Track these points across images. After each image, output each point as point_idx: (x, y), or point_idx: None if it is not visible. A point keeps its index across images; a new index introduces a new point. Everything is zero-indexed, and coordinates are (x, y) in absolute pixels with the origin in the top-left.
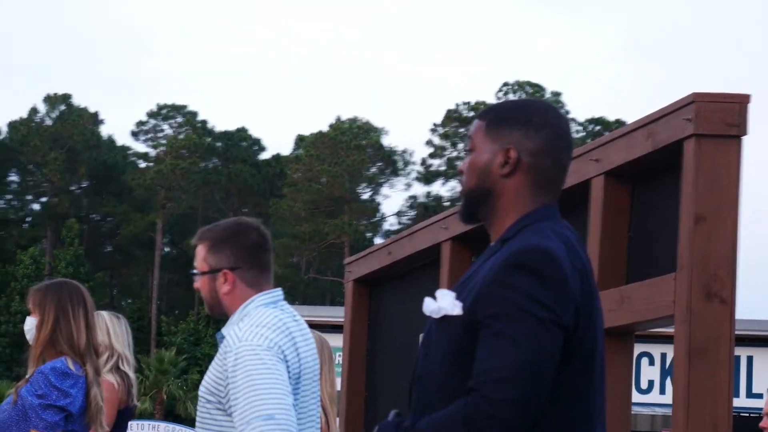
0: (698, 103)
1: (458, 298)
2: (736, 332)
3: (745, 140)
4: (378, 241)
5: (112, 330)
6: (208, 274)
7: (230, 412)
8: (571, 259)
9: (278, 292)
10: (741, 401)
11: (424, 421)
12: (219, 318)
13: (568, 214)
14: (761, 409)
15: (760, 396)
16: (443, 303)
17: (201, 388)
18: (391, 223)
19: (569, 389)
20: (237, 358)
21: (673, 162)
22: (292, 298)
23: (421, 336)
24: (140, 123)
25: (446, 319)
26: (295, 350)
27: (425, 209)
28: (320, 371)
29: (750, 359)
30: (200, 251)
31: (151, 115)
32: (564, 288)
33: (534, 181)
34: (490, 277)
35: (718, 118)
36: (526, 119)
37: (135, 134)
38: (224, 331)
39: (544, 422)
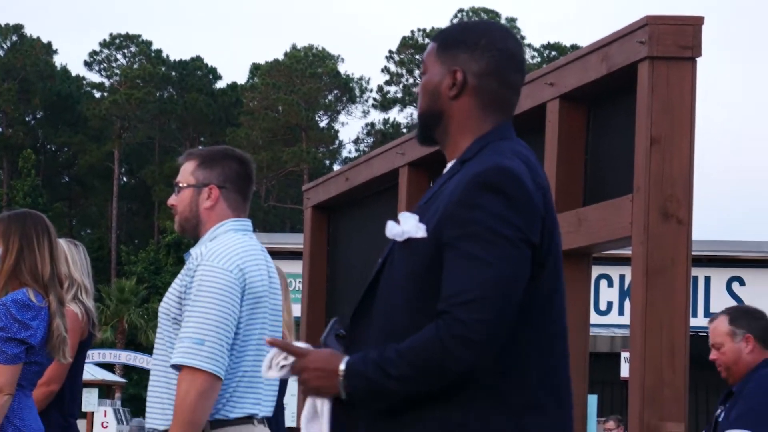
0: (652, 25)
1: (421, 220)
2: (694, 253)
3: (700, 62)
4: (337, 168)
5: (71, 258)
6: (194, 187)
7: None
8: (533, 176)
9: (249, 222)
10: (699, 321)
11: (392, 350)
12: (188, 236)
13: (524, 137)
14: None
15: None
16: (407, 226)
17: (162, 305)
18: (349, 151)
19: (539, 304)
20: (195, 276)
21: (628, 85)
22: (252, 226)
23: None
24: (94, 53)
25: (410, 242)
26: (259, 273)
27: (383, 136)
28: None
29: (708, 279)
30: (188, 166)
31: (105, 44)
32: (530, 206)
33: (483, 102)
34: (455, 199)
35: (671, 41)
36: (473, 41)
37: (89, 64)
38: (193, 250)
39: (517, 338)
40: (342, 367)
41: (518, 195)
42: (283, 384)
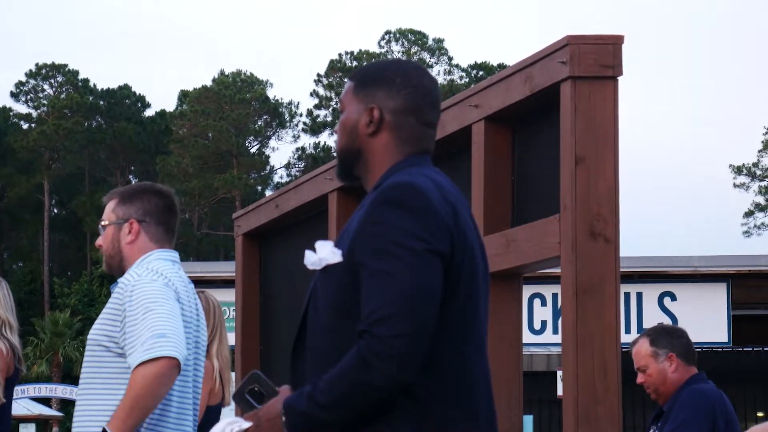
0: (573, 45)
1: (337, 246)
2: (625, 269)
3: (621, 80)
4: (269, 194)
5: None
6: (114, 224)
7: (124, 344)
8: (441, 193)
9: (176, 254)
10: (632, 337)
11: (323, 381)
12: (115, 274)
13: (450, 160)
14: None
15: None
16: (323, 253)
17: (91, 335)
18: (281, 176)
19: (458, 318)
20: (133, 291)
21: (552, 105)
22: (185, 254)
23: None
24: (20, 83)
25: (328, 269)
26: (188, 300)
27: (314, 160)
28: (217, 332)
29: (639, 295)
30: (110, 205)
31: (30, 75)
32: (433, 216)
33: (399, 138)
34: (362, 219)
35: (592, 60)
36: (389, 79)
37: (15, 95)
38: (120, 279)
39: (435, 355)
40: (280, 407)
41: (420, 207)
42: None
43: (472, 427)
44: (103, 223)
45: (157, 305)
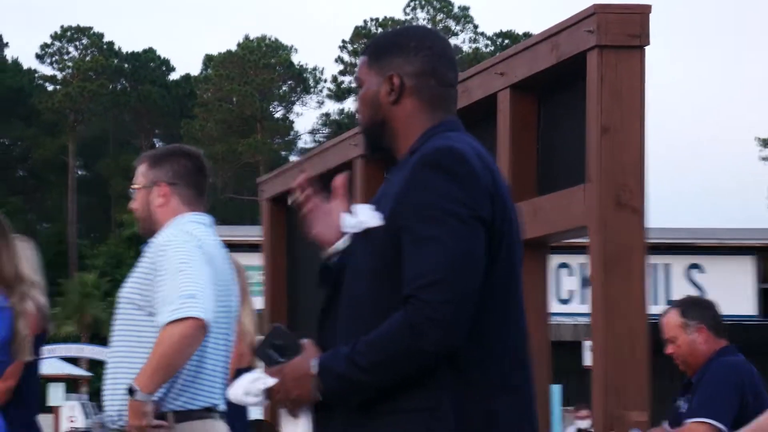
0: (599, 14)
1: (376, 210)
2: (652, 241)
3: (648, 50)
4: (293, 159)
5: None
6: (145, 188)
7: (155, 304)
8: (480, 158)
9: (210, 218)
10: (659, 309)
11: (362, 343)
12: (150, 237)
13: (476, 127)
14: None
15: None
16: (363, 216)
17: (122, 294)
18: (305, 141)
19: (499, 284)
20: (165, 251)
21: (578, 74)
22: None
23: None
24: (45, 46)
25: (368, 232)
26: (222, 263)
27: (338, 126)
28: (246, 296)
29: (667, 267)
30: (140, 169)
31: (56, 37)
32: (477, 182)
33: (423, 101)
34: (403, 183)
35: (619, 29)
36: (403, 45)
37: (40, 57)
38: (152, 240)
39: (481, 320)
40: (313, 367)
41: (464, 172)
42: None
43: (513, 399)
44: (134, 186)
45: (187, 266)
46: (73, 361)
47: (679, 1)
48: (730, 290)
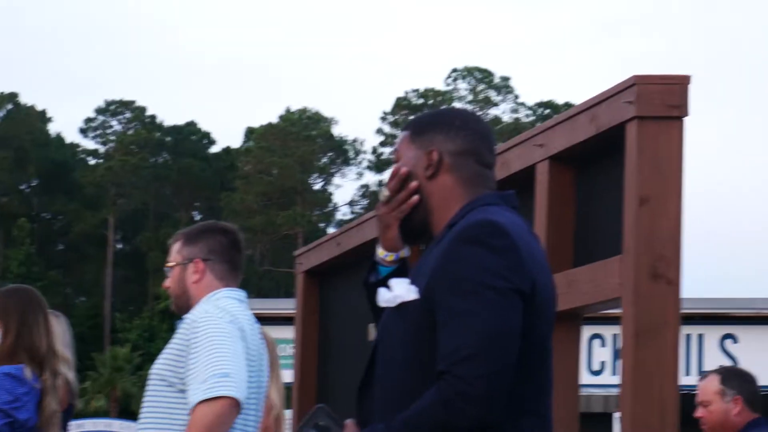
0: (639, 85)
1: (412, 284)
2: (687, 311)
3: (688, 121)
4: (331, 231)
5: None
6: (180, 265)
7: (187, 381)
8: (519, 231)
9: (244, 293)
10: (692, 379)
11: (398, 421)
12: (183, 315)
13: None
14: None
15: None
16: (399, 290)
17: (154, 370)
18: (344, 213)
19: (531, 361)
20: (199, 327)
21: (617, 145)
22: (247, 290)
23: (371, 331)
24: (88, 120)
25: (403, 306)
26: (254, 340)
27: (377, 198)
28: (274, 370)
29: (700, 337)
30: (176, 247)
31: (99, 111)
32: (516, 255)
33: (460, 178)
34: (440, 257)
35: (659, 100)
36: (446, 123)
37: (83, 131)
38: (187, 315)
39: (515, 393)
40: None
41: (501, 245)
42: None
43: None
44: (169, 264)
45: (222, 343)
46: None
47: (722, 68)
48: (765, 361)
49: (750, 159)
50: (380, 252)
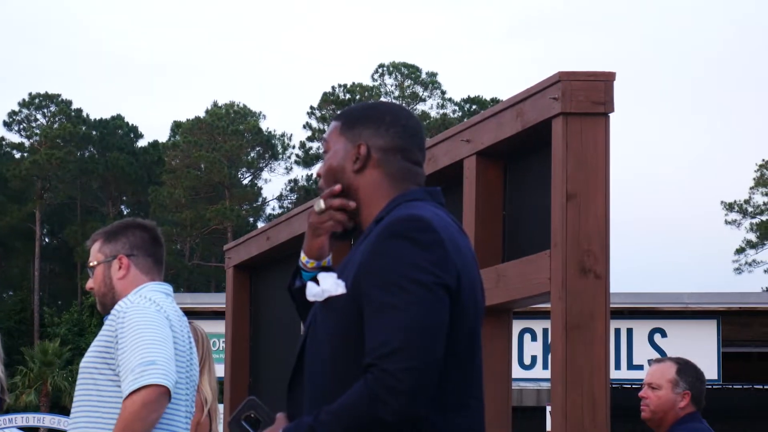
0: (564, 81)
1: (339, 278)
2: (616, 305)
3: (613, 117)
4: (261, 225)
5: None
6: (104, 263)
7: (118, 371)
8: (446, 226)
9: (170, 287)
10: (622, 373)
11: (324, 413)
12: (107, 313)
13: (442, 194)
14: (642, 380)
15: (640, 368)
16: (326, 285)
17: (84, 362)
18: (273, 207)
19: (459, 355)
20: (125, 317)
21: (543, 141)
22: (176, 285)
23: (302, 327)
24: (13, 113)
25: (331, 300)
26: (182, 332)
27: (306, 192)
28: (206, 363)
29: (630, 331)
30: (95, 246)
31: (24, 104)
32: (442, 250)
33: (387, 174)
34: (367, 252)
35: (584, 97)
36: (377, 118)
37: (8, 124)
38: (113, 308)
39: (441, 388)
40: None
41: (428, 240)
42: None
43: None
44: (92, 264)
45: (148, 331)
46: (32, 430)
47: (646, 67)
48: (693, 354)
49: (678, 153)
50: (303, 257)
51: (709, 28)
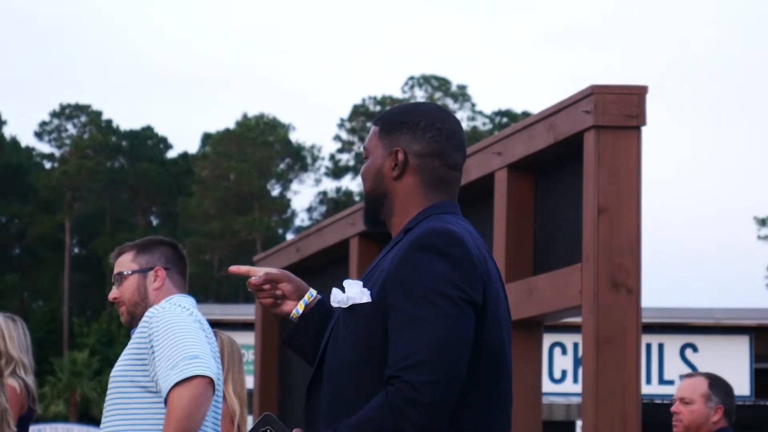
0: (597, 95)
1: (365, 286)
2: (647, 320)
3: (645, 130)
4: (290, 237)
5: (8, 335)
6: (139, 273)
7: (155, 374)
8: (475, 243)
9: (194, 300)
10: (653, 388)
11: (345, 426)
12: (132, 325)
13: (473, 206)
14: (673, 395)
15: (671, 383)
16: (351, 292)
17: (115, 372)
18: (302, 219)
19: (484, 370)
20: (159, 321)
21: (575, 153)
22: (205, 296)
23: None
24: (43, 123)
25: (355, 308)
26: (211, 344)
27: (335, 204)
28: (230, 373)
29: (661, 346)
30: (126, 257)
31: (54, 115)
32: (470, 266)
33: (425, 180)
34: (396, 262)
35: (616, 110)
36: (414, 123)
37: (38, 135)
38: (144, 314)
39: (461, 404)
40: None
41: (459, 255)
42: None
43: None
44: (124, 273)
45: (184, 331)
46: None
47: (677, 80)
48: (725, 370)
49: (710, 167)
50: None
51: (739, 42)
